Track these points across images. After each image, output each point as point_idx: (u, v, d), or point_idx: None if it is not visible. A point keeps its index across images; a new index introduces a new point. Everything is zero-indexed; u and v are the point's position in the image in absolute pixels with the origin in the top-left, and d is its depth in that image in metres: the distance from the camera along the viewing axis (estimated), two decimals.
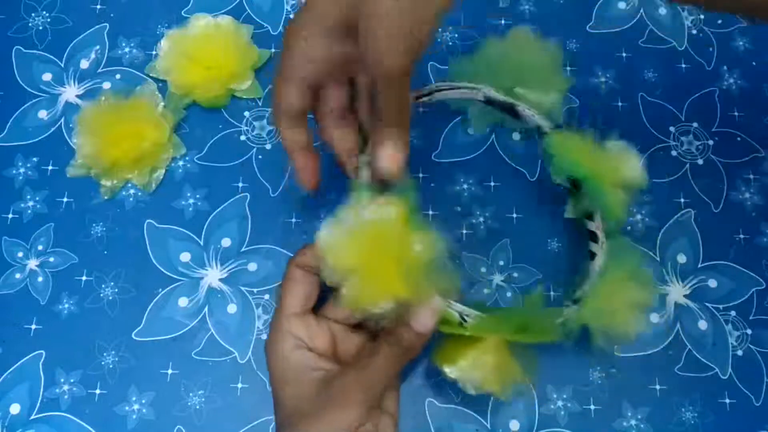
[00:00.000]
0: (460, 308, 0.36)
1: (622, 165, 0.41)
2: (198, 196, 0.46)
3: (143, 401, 0.41)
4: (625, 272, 0.39)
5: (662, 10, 0.52)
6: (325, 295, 0.38)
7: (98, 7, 0.52)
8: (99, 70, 0.50)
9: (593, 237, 0.41)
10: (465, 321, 0.36)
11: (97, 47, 0.50)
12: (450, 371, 0.37)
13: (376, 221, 0.34)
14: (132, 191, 0.46)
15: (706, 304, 0.43)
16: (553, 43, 0.44)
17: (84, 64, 0.50)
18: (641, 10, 0.52)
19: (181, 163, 0.47)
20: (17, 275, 0.44)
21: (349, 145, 0.39)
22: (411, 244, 0.33)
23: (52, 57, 0.50)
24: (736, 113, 0.48)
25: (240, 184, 0.46)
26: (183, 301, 0.43)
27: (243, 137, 0.48)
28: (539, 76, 0.44)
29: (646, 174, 0.41)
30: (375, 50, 0.31)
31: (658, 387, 0.42)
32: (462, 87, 0.43)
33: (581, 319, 0.38)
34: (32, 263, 0.44)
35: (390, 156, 0.34)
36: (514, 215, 0.46)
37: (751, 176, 0.47)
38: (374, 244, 0.33)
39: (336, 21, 0.33)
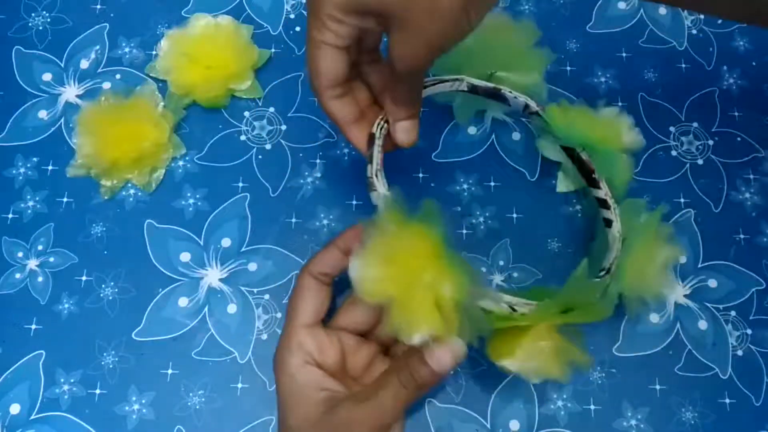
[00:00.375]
0: (509, 299, 0.35)
1: (620, 129, 0.41)
2: (198, 196, 0.46)
3: (143, 401, 0.41)
4: (649, 234, 0.39)
5: (662, 10, 0.52)
6: (334, 302, 0.38)
7: (98, 7, 0.52)
8: (99, 70, 0.50)
9: (603, 204, 0.41)
10: (515, 311, 0.35)
11: (97, 47, 0.50)
12: (510, 364, 0.36)
13: (408, 252, 0.33)
14: (132, 191, 0.46)
15: (706, 304, 0.43)
16: (528, 23, 0.44)
17: (84, 64, 0.50)
18: (641, 10, 0.52)
19: (181, 163, 0.47)
20: (17, 275, 0.44)
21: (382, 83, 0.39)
22: (443, 282, 0.32)
23: (52, 57, 0.50)
24: (736, 113, 0.48)
25: (240, 184, 0.46)
26: (183, 301, 0.43)
27: (243, 137, 0.48)
28: (517, 57, 0.44)
29: (641, 136, 0.42)
30: (404, 52, 0.32)
31: (658, 387, 0.42)
32: (445, 80, 0.43)
33: (619, 287, 0.38)
34: (32, 263, 0.44)
35: (407, 130, 0.37)
36: (514, 215, 0.46)
37: (751, 176, 0.47)
38: (407, 275, 0.32)
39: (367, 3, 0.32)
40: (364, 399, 0.34)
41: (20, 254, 0.44)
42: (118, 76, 0.49)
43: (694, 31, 0.51)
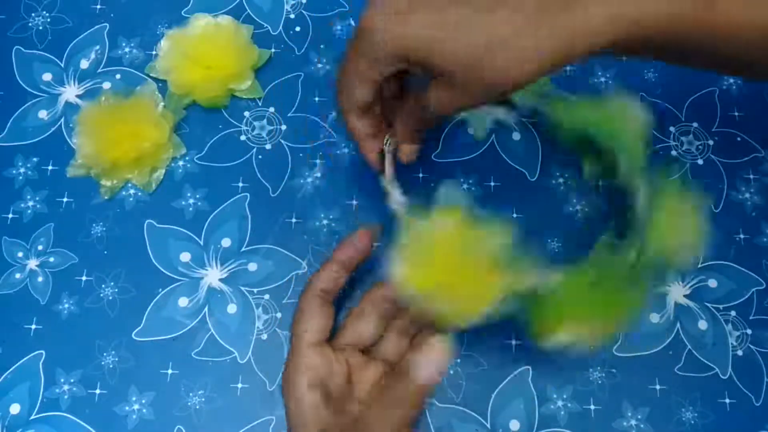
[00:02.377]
0: (536, 278, 0.35)
1: (630, 114, 0.41)
2: (198, 196, 0.46)
3: (143, 401, 0.41)
4: (675, 199, 0.39)
5: None
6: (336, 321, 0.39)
7: (98, 7, 0.52)
8: (99, 70, 0.50)
9: (623, 189, 0.40)
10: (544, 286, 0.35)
11: (97, 47, 0.50)
12: (562, 336, 0.35)
13: (442, 236, 0.33)
14: (132, 191, 0.46)
15: (706, 304, 0.43)
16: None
17: (84, 64, 0.50)
18: None
19: (181, 163, 0.47)
20: (17, 275, 0.44)
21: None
22: (485, 243, 0.33)
23: (52, 57, 0.50)
24: (736, 113, 0.48)
25: (240, 184, 0.46)
26: (183, 301, 0.43)
27: (243, 137, 0.48)
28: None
29: (651, 118, 0.41)
30: (446, 101, 0.34)
31: (658, 387, 0.42)
32: None
33: (651, 251, 0.37)
34: (32, 263, 0.44)
35: (413, 152, 0.41)
36: (514, 215, 0.46)
37: (751, 176, 0.47)
38: (449, 258, 0.33)
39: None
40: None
41: (20, 254, 0.44)
42: (118, 76, 0.49)
43: None
